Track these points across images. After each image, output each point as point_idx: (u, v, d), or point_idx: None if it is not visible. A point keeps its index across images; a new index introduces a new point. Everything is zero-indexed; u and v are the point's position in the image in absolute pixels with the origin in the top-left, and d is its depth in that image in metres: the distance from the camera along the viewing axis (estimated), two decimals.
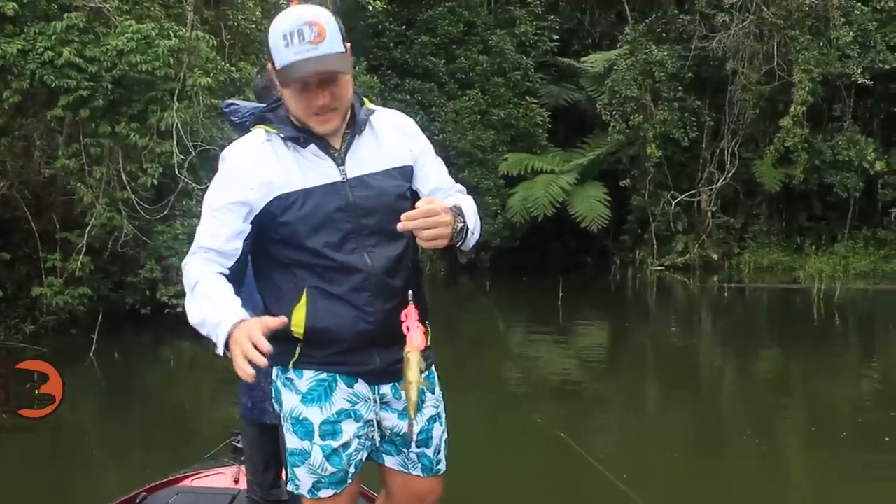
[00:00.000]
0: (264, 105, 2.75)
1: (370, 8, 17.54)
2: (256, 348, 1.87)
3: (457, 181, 2.46)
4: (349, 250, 2.13)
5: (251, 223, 2.13)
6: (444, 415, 2.36)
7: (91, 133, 9.33)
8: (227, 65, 10.39)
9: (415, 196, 2.25)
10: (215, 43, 9.79)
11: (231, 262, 2.13)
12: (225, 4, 10.69)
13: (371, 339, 2.15)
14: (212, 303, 2.03)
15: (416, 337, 2.06)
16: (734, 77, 16.18)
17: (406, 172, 2.24)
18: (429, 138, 2.37)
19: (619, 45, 17.52)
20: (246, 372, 1.86)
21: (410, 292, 2.16)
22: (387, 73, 17.38)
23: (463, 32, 18.07)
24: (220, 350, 1.97)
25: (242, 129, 2.84)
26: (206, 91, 9.53)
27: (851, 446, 6.28)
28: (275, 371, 2.26)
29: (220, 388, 8.45)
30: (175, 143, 9.07)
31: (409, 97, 16.82)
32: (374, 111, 2.25)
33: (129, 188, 9.36)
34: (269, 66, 2.10)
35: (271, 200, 2.10)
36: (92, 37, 9.04)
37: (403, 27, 18.19)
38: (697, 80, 16.92)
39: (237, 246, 2.12)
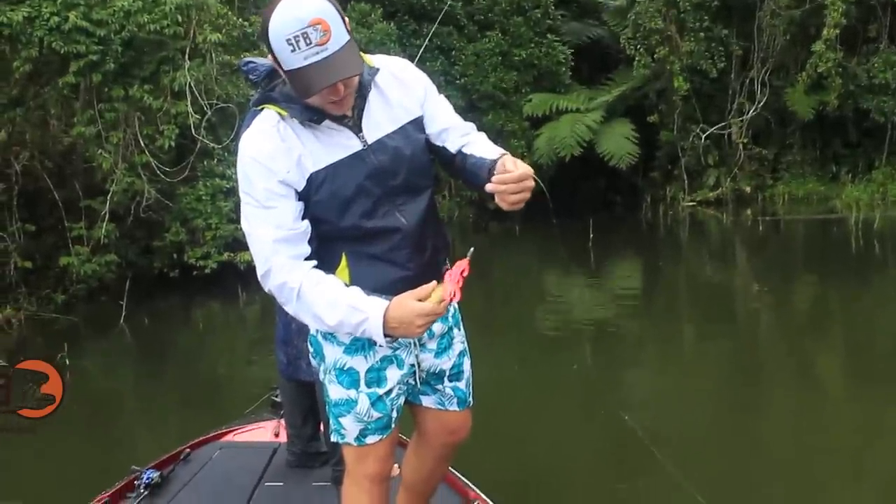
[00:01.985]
0: None
1: None
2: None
3: (480, 126, 2.42)
4: (382, 214, 2.16)
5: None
6: (468, 351, 2.47)
7: (105, 98, 9.22)
8: (240, 19, 10.19)
9: (428, 141, 2.29)
10: None
11: (307, 244, 2.12)
12: None
13: (412, 287, 2.13)
14: (339, 303, 2.08)
15: (449, 287, 2.07)
16: (762, 3, 15.59)
17: (419, 124, 2.25)
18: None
19: None
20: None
21: (440, 244, 2.30)
22: (404, 18, 17.01)
23: None
24: (381, 341, 2.09)
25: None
26: (219, 48, 9.36)
27: (891, 377, 6.09)
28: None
29: (252, 347, 8.54)
30: (189, 102, 8.92)
31: (428, 42, 16.46)
32: (377, 70, 2.18)
33: (147, 152, 9.27)
34: (272, 59, 2.00)
35: (307, 179, 2.09)
36: None
37: None
38: (724, 8, 16.28)
39: (305, 225, 2.12)
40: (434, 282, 2.09)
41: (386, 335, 2.07)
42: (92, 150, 9.43)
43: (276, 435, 3.85)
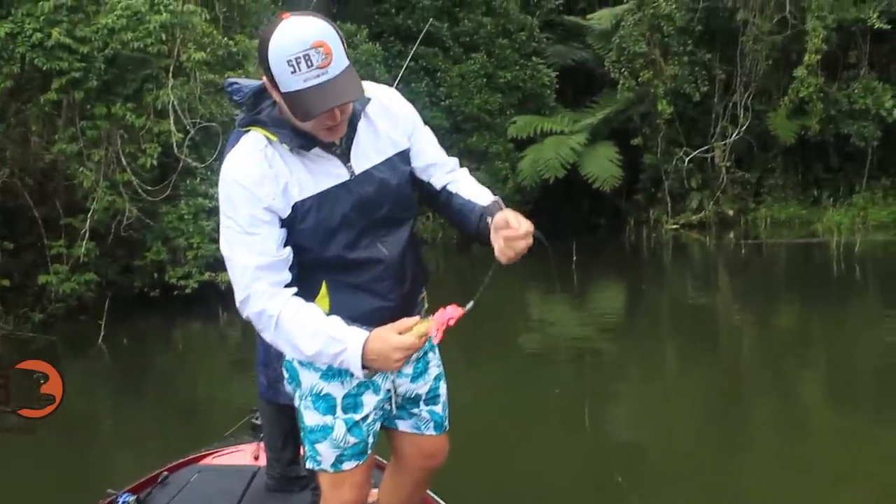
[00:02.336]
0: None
1: None
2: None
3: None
4: (365, 245, 2.15)
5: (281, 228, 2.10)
6: (444, 374, 2.46)
7: (87, 116, 9.15)
8: (225, 39, 10.18)
9: (412, 174, 2.29)
10: (209, 16, 9.55)
11: (288, 271, 2.09)
12: None
13: (391, 318, 2.12)
14: (319, 333, 2.04)
15: (433, 328, 2.05)
16: (745, 28, 15.71)
17: (405, 156, 2.25)
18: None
19: (625, 1, 17.07)
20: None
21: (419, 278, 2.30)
22: (389, 39, 17.07)
23: None
24: (359, 373, 2.06)
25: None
26: (203, 66, 9.33)
27: (874, 400, 6.19)
28: None
29: (233, 368, 8.46)
30: (172, 121, 8.88)
31: (413, 63, 16.51)
32: (368, 100, 2.17)
33: (128, 170, 9.20)
34: (267, 80, 1.98)
35: (292, 207, 2.06)
36: (82, 16, 8.82)
37: None
38: (707, 32, 16.45)
39: (287, 252, 2.08)
40: (417, 317, 2.09)
41: (364, 367, 2.04)
42: (73, 167, 9.35)
43: (256, 458, 3.81)
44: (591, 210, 18.58)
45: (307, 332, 2.04)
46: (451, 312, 2.04)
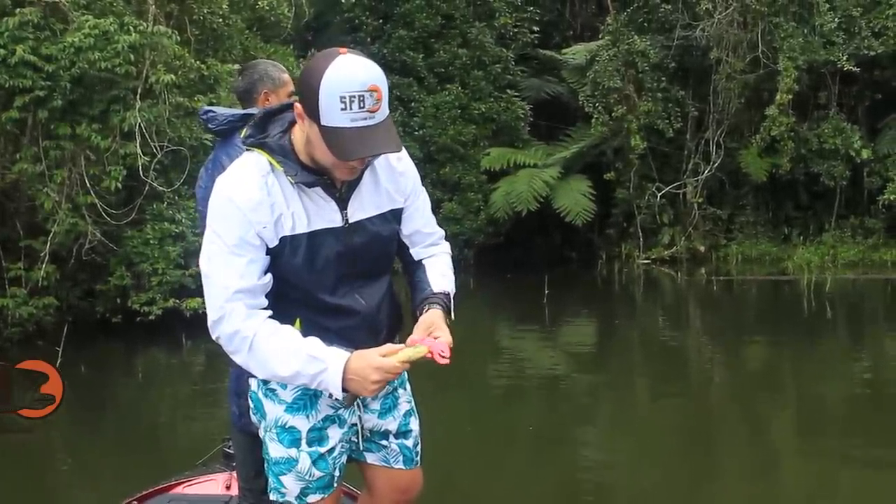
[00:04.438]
0: (243, 111, 2.82)
1: (344, 2, 17.22)
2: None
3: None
4: (343, 293, 2.16)
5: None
6: (415, 411, 2.45)
7: (51, 135, 8.95)
8: (197, 62, 10.05)
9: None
10: (180, 39, 9.41)
11: (265, 298, 2.09)
12: None
13: None
14: (298, 352, 2.02)
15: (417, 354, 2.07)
16: (718, 66, 15.90)
17: (397, 214, 2.26)
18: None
19: (600, 36, 17.20)
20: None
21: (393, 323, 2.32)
22: None
23: (441, 25, 17.71)
24: (338, 394, 2.03)
25: (221, 136, 2.89)
26: (174, 89, 9.18)
27: (841, 436, 6.24)
28: (254, 382, 2.28)
29: (196, 398, 8.27)
30: (139, 144, 8.70)
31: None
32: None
33: (92, 193, 8.99)
34: (299, 105, 1.98)
35: (280, 239, 2.06)
36: (48, 34, 8.65)
37: (380, 21, 17.83)
38: (681, 69, 16.64)
39: (268, 279, 2.08)
40: (403, 344, 2.09)
41: (343, 389, 2.02)
42: (35, 188, 9.13)
43: (228, 488, 3.74)
44: (563, 243, 18.56)
45: (284, 352, 2.03)
46: (440, 348, 2.08)
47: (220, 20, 10.71)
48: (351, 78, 1.90)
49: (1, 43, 8.32)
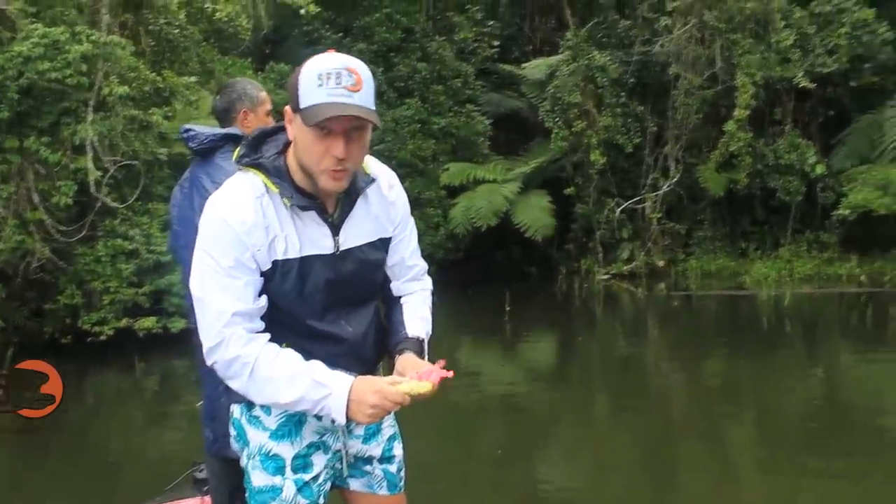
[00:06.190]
0: (224, 131, 2.83)
1: (303, 14, 16.99)
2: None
3: None
4: (330, 320, 2.14)
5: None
6: (399, 435, 2.46)
7: None
8: (153, 74, 9.79)
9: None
10: (134, 49, 9.15)
11: (261, 321, 2.06)
12: (146, 8, 10.03)
13: None
14: (302, 378, 1.99)
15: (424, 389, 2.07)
16: (676, 82, 16.03)
17: (386, 243, 2.26)
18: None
19: (560, 51, 17.23)
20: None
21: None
22: None
23: (401, 39, 17.64)
24: (341, 420, 2.00)
25: (201, 155, 2.85)
26: (128, 101, 8.92)
27: (800, 449, 6.33)
28: (237, 409, 2.25)
29: (149, 422, 8.10)
30: (91, 158, 8.41)
31: None
32: (372, 181, 2.18)
33: (41, 208, 8.68)
34: (289, 109, 1.99)
35: (272, 263, 2.03)
36: None
37: (340, 34, 17.68)
38: (640, 85, 16.74)
39: (263, 301, 2.05)
40: (409, 376, 2.07)
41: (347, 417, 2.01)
42: None
43: None
44: (523, 258, 18.50)
45: (287, 377, 2.00)
46: (438, 377, 2.09)
47: (177, 31, 10.46)
48: (328, 59, 1.93)
49: None
